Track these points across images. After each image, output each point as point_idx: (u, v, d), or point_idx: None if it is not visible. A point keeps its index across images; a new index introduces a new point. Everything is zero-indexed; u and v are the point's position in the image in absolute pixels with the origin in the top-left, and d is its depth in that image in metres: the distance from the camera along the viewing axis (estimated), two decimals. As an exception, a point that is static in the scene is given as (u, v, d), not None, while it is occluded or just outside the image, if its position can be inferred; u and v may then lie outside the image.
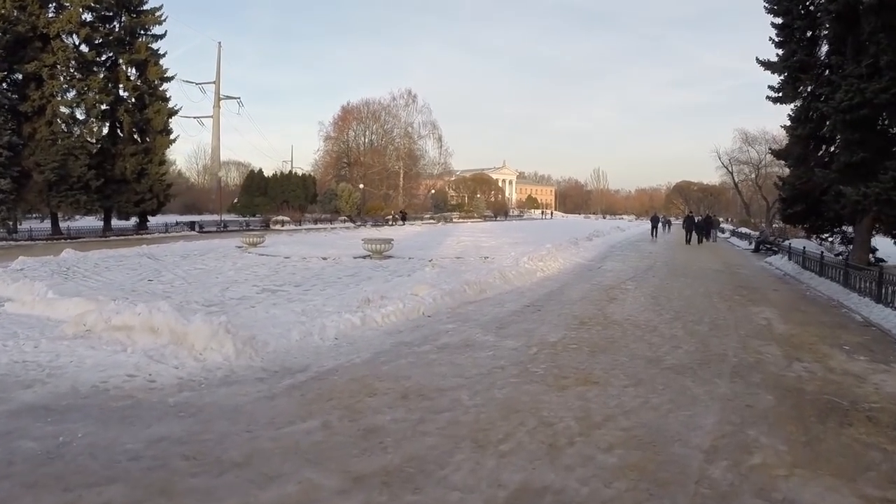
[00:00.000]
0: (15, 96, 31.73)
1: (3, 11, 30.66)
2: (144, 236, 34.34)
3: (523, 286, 13.69)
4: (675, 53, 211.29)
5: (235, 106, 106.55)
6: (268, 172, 71.46)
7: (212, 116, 75.76)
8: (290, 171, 68.29)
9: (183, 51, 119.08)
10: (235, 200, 70.03)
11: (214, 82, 74.84)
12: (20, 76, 32.28)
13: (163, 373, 6.27)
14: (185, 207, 75.17)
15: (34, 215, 37.97)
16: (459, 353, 7.33)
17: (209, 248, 24.35)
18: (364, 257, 20.31)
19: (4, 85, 31.63)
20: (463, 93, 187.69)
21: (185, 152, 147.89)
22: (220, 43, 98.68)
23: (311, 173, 75.41)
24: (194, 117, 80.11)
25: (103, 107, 35.14)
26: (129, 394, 5.66)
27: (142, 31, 37.86)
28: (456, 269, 15.74)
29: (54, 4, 33.68)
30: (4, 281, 12.27)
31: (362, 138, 78.20)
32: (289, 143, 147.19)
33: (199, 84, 72.81)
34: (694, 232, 35.06)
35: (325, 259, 19.90)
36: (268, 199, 64.27)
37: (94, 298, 10.23)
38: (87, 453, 4.32)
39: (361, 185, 66.54)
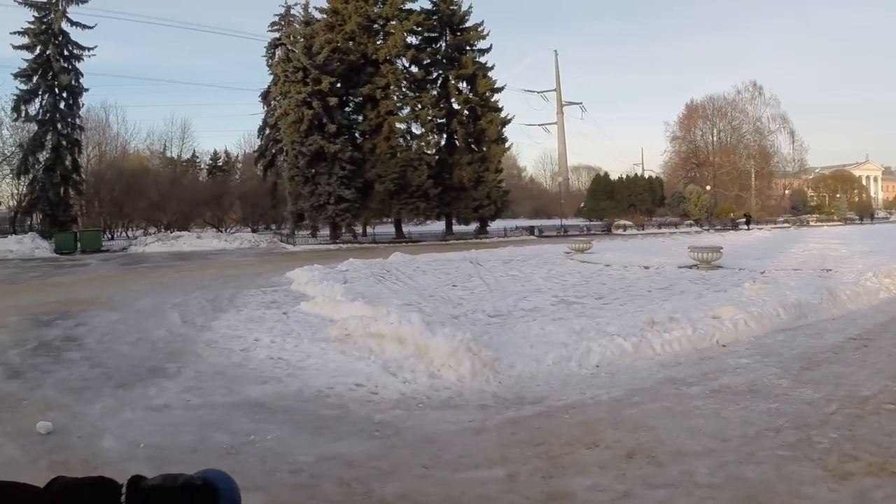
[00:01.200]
0: (354, 117, 36.82)
1: (338, 44, 35.65)
2: (483, 240, 36.69)
3: (857, 310, 10.83)
4: None
5: (579, 112, 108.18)
6: (617, 176, 71.43)
7: (556, 123, 77.93)
8: (636, 174, 66.95)
9: (527, 63, 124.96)
10: (582, 204, 71.19)
11: (555, 90, 76.84)
12: (358, 99, 37.21)
13: (389, 386, 6.19)
14: (534, 212, 78.88)
15: (387, 220, 43.07)
16: (732, 402, 5.83)
17: (535, 254, 24.75)
18: (690, 267, 18.49)
19: (348, 109, 36.88)
20: (812, 81, 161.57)
21: (532, 158, 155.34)
22: (555, 51, 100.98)
23: (661, 175, 72.99)
24: (539, 124, 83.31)
25: (438, 120, 38.62)
26: (344, 403, 5.67)
27: (468, 48, 40.65)
28: (784, 285, 13.23)
29: (382, 33, 38.10)
30: (313, 281, 13.86)
31: (710, 137, 72.86)
32: (638, 146, 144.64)
33: (541, 92, 75.51)
34: None
35: (646, 268, 18.61)
36: (614, 202, 64.00)
37: (373, 303, 10.80)
38: (260, 456, 4.43)
39: (708, 187, 62.06)
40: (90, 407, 5.94)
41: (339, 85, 36.82)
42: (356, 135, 38.71)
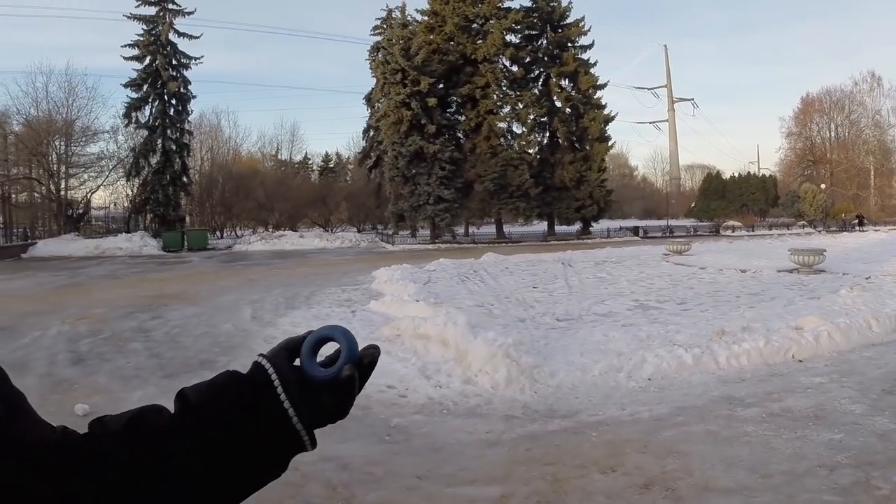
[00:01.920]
0: (455, 117, 36.77)
1: (438, 45, 35.76)
2: (585, 241, 35.77)
3: None
4: None
5: (690, 108, 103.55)
6: (731, 175, 67.91)
7: (667, 120, 75.02)
8: (749, 173, 63.32)
9: (639, 60, 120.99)
10: (692, 205, 68.16)
11: (666, 86, 73.90)
12: (458, 99, 37.16)
13: (419, 389, 6.08)
14: (644, 212, 76.43)
15: (489, 220, 42.84)
16: (789, 430, 5.21)
17: (632, 255, 23.84)
18: (790, 271, 17.16)
19: (449, 109, 37.01)
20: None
21: (643, 157, 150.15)
22: (665, 46, 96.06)
23: (776, 174, 68.76)
24: (650, 122, 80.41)
25: (539, 119, 37.95)
26: (369, 405, 5.63)
27: (569, 45, 39.66)
28: (888, 293, 11.91)
29: (481, 32, 37.94)
30: (392, 280, 13.83)
31: (826, 132, 67.42)
32: (754, 143, 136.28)
33: (652, 89, 72.81)
34: None
35: (743, 272, 17.44)
36: (725, 202, 61.01)
37: (439, 304, 10.68)
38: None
39: (823, 185, 57.61)
40: (132, 393, 6.26)
41: (439, 86, 37.03)
42: (458, 135, 38.83)
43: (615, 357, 7.22)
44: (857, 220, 48.77)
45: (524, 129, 39.00)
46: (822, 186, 57.32)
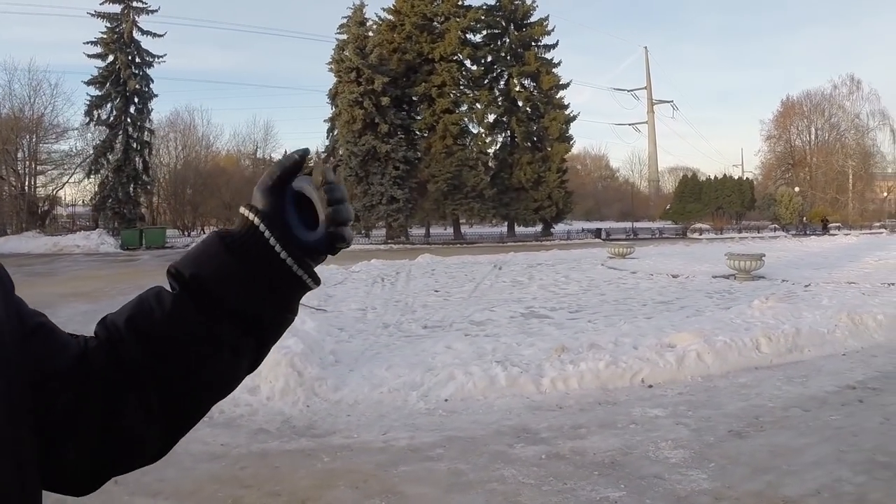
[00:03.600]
0: (410, 117, 36.10)
1: (398, 44, 35.01)
2: (543, 243, 34.81)
3: (887, 343, 8.38)
4: None
5: (671, 111, 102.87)
6: (708, 177, 67.01)
7: (646, 122, 74.25)
8: (725, 175, 62.41)
9: (628, 64, 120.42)
10: (668, 207, 67.26)
11: (645, 87, 73.16)
12: (414, 98, 36.38)
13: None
14: (622, 214, 75.47)
15: (469, 221, 42.02)
16: (558, 480, 4.04)
17: (573, 258, 22.94)
18: (726, 277, 16.14)
19: (405, 108, 36.31)
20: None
21: (622, 159, 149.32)
22: (646, 48, 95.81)
23: (759, 177, 68.09)
24: (629, 124, 79.54)
25: (491, 118, 37.00)
26: None
27: (533, 44, 38.77)
28: (812, 304, 10.84)
29: (440, 31, 37.19)
30: None
31: (806, 135, 66.74)
32: (738, 147, 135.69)
33: (632, 91, 72.04)
34: None
35: (674, 277, 16.42)
36: (701, 205, 60.06)
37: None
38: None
39: (797, 189, 56.71)
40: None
41: (393, 84, 35.94)
42: (414, 135, 37.75)
43: (422, 372, 6.15)
44: (822, 224, 47.94)
45: (481, 129, 37.99)
46: (797, 189, 56.53)
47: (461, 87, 37.85)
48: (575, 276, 16.90)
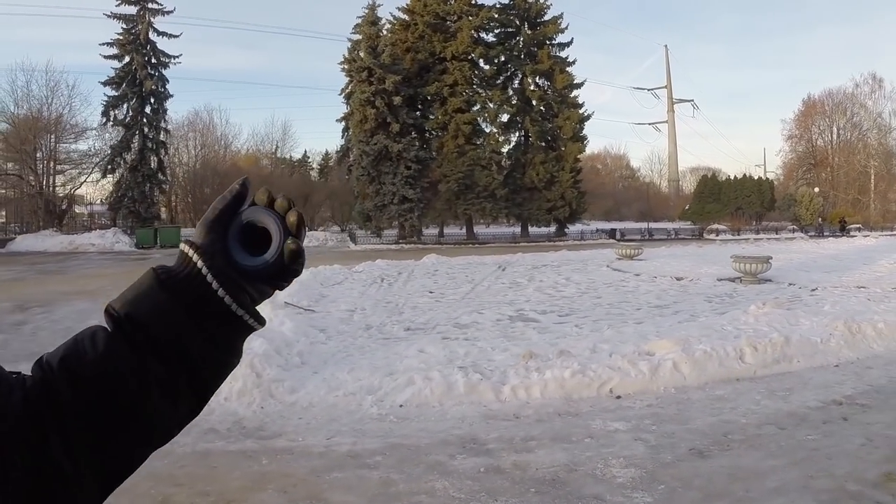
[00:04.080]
0: (422, 116, 35.97)
1: (411, 43, 34.83)
2: (556, 243, 34.45)
3: (884, 354, 7.93)
4: None
5: (691, 111, 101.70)
6: (728, 177, 66.03)
7: (666, 121, 73.41)
8: (745, 175, 61.40)
9: (650, 63, 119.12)
10: (687, 207, 66.43)
11: (666, 86, 72.30)
12: (426, 97, 36.27)
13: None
14: (641, 214, 74.72)
15: (484, 221, 41.86)
16: (489, 496, 3.92)
17: (580, 259, 22.60)
18: (732, 280, 15.81)
19: (418, 108, 36.21)
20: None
21: (643, 159, 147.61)
22: (665, 46, 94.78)
23: (780, 177, 66.97)
24: (649, 123, 78.69)
25: (504, 118, 36.73)
26: None
27: (546, 42, 38.40)
28: (813, 310, 10.49)
29: (453, 30, 37.01)
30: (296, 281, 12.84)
31: (828, 135, 65.30)
32: (762, 147, 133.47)
33: (652, 90, 71.21)
34: None
35: (677, 280, 16.11)
36: (720, 205, 59.16)
37: (284, 307, 9.57)
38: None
39: (816, 189, 55.70)
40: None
41: (406, 84, 35.85)
42: (427, 134, 37.66)
43: (382, 377, 6.07)
44: (840, 225, 46.89)
45: (494, 128, 37.78)
46: (817, 190, 55.47)
47: (474, 87, 37.66)
48: (577, 277, 16.65)
